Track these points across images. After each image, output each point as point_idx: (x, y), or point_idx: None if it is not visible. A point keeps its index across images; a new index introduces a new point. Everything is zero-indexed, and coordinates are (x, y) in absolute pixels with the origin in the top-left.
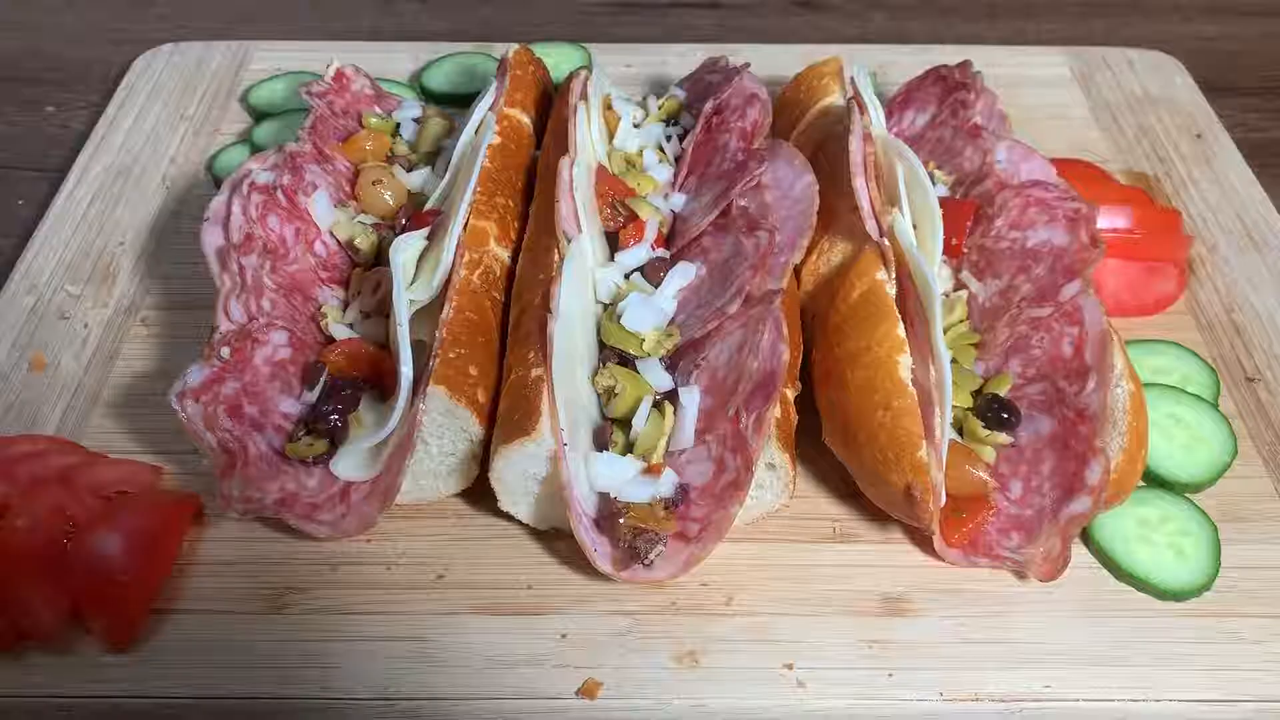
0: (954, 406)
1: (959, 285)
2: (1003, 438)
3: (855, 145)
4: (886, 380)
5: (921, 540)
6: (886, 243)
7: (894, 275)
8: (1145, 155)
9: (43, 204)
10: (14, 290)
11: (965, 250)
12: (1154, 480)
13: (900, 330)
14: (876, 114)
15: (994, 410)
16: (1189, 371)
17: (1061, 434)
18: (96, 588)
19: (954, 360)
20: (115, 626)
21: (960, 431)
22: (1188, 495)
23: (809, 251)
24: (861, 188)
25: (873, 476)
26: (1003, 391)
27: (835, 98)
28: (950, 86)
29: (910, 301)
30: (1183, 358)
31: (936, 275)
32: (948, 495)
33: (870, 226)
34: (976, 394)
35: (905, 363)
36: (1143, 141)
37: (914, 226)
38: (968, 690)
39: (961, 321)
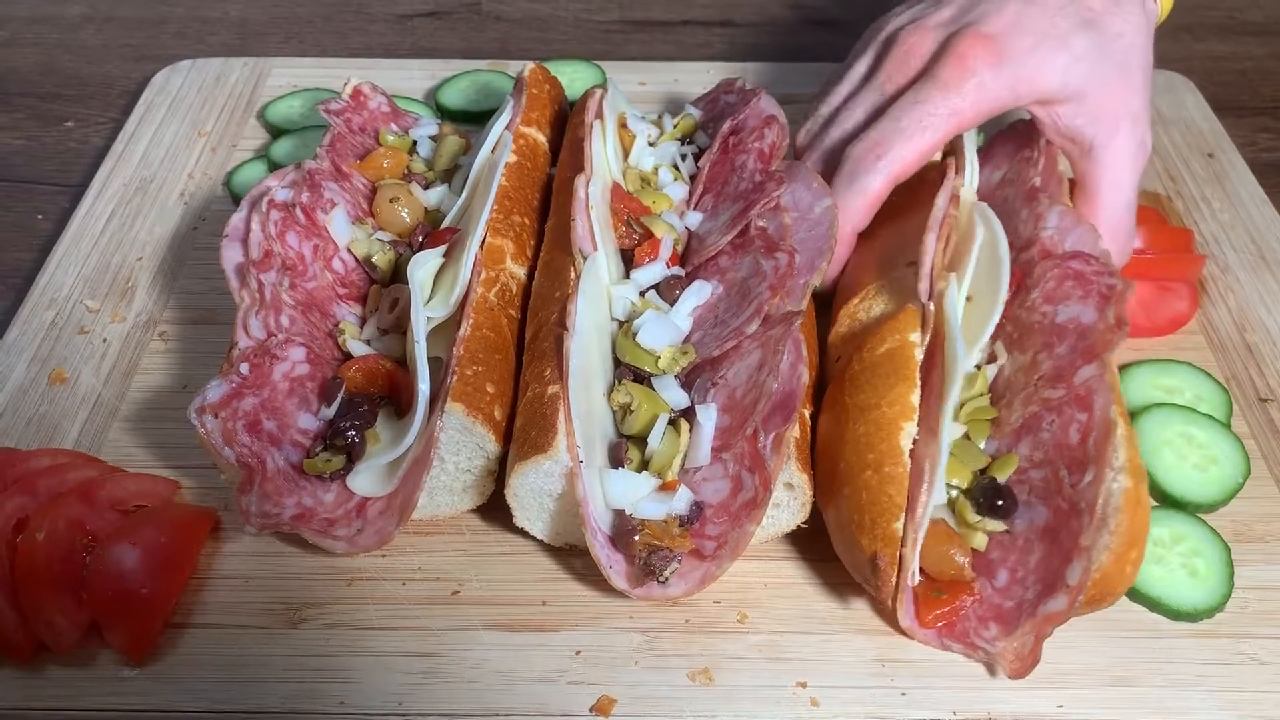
0: (953, 485)
1: (992, 357)
2: (992, 524)
3: (941, 203)
4: (884, 443)
5: None
6: (931, 307)
7: (926, 341)
8: (1157, 174)
9: (62, 219)
10: (34, 304)
11: (1003, 321)
12: (1167, 500)
13: (914, 398)
14: (972, 173)
15: (988, 495)
16: (1201, 391)
17: (1054, 526)
18: (114, 601)
19: (966, 435)
20: (133, 640)
21: (953, 510)
22: (1200, 515)
23: (853, 294)
24: (929, 247)
25: (845, 534)
26: (1003, 476)
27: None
28: (1020, 143)
29: (935, 373)
30: (1195, 377)
31: (978, 350)
32: (927, 575)
33: (922, 288)
34: (981, 473)
35: (909, 431)
36: (1155, 161)
37: (969, 298)
38: (980, 710)
39: (982, 395)
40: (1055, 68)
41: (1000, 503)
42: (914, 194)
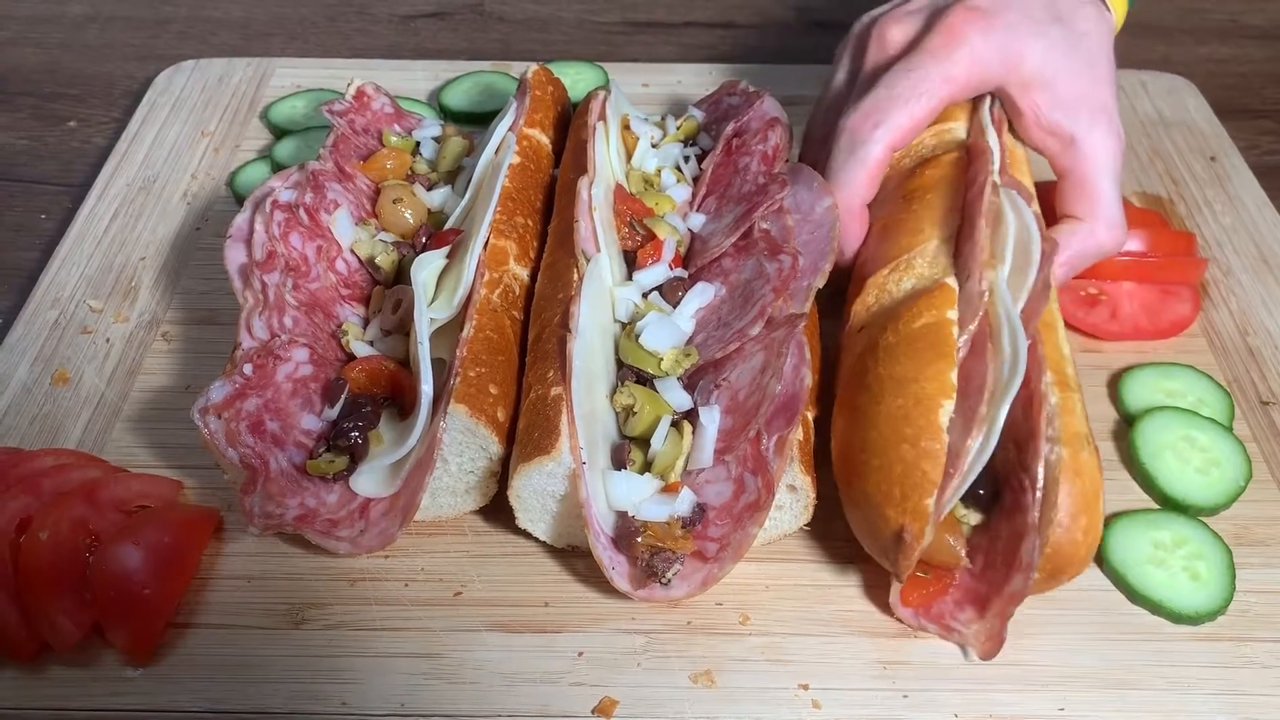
0: None
1: None
2: (975, 516)
3: (987, 190)
4: (923, 418)
5: None
6: (986, 296)
7: (975, 326)
8: (1159, 178)
9: (65, 219)
10: (37, 304)
11: None
12: (1169, 503)
13: (953, 376)
14: (996, 157)
15: (974, 486)
16: (1204, 395)
17: (1011, 506)
18: (117, 601)
19: None
20: (136, 640)
21: None
22: (1202, 519)
23: (881, 265)
24: (980, 239)
25: (869, 506)
26: None
27: (958, 126)
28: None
29: (977, 363)
30: (1197, 381)
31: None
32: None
33: (974, 283)
34: None
35: (948, 409)
36: (1156, 164)
37: None
38: (982, 712)
39: None
40: (1035, 49)
41: (982, 492)
42: (929, 165)
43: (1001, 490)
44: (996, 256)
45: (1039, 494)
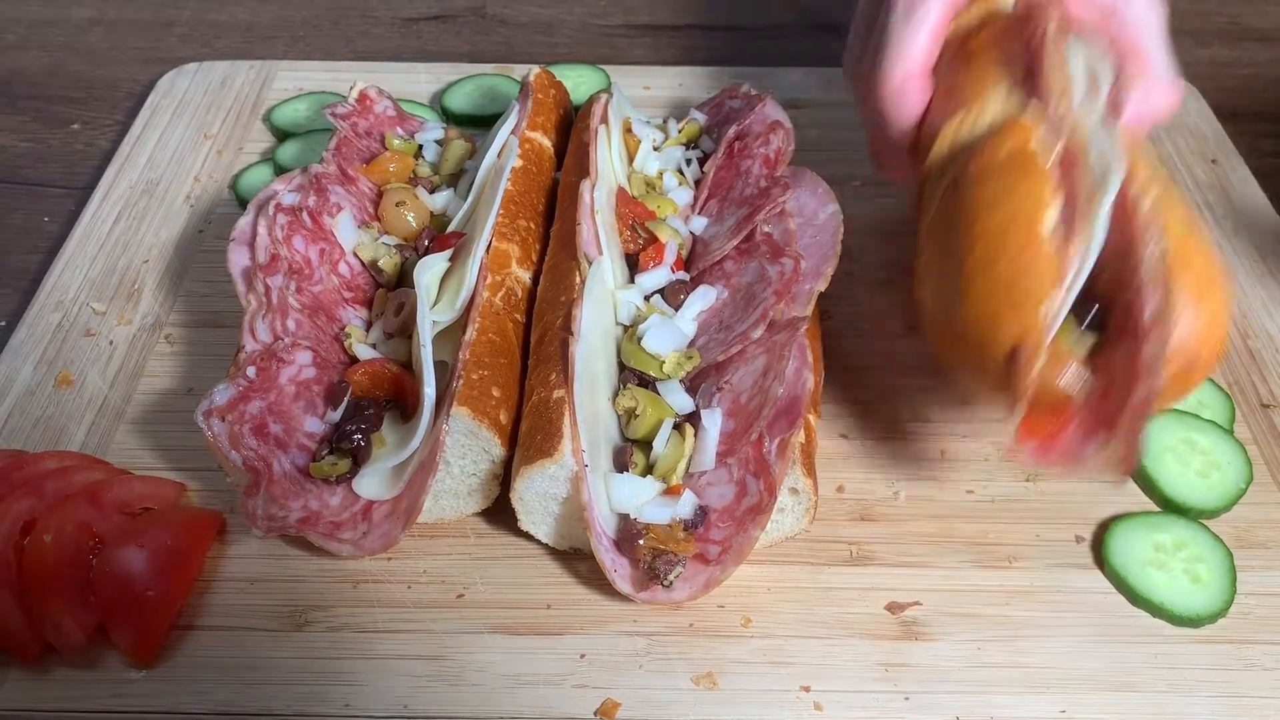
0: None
1: None
2: (1089, 339)
3: (1052, 29)
4: (1022, 232)
5: (939, 563)
6: (1064, 115)
7: (1060, 148)
8: None
9: (69, 221)
10: (41, 307)
11: None
12: (1169, 506)
13: (1048, 191)
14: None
15: (1083, 309)
16: (1204, 398)
17: (1122, 323)
18: (121, 603)
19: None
20: (139, 642)
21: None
22: (1203, 521)
23: (952, 116)
24: (1056, 73)
25: (973, 338)
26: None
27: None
28: None
29: (1068, 181)
30: None
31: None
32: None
33: (1054, 108)
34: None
35: (1050, 218)
36: (1158, 167)
37: None
38: (983, 714)
39: None
40: None
41: (1092, 316)
42: (985, 27)
43: (1111, 313)
44: (1071, 84)
45: (1149, 289)
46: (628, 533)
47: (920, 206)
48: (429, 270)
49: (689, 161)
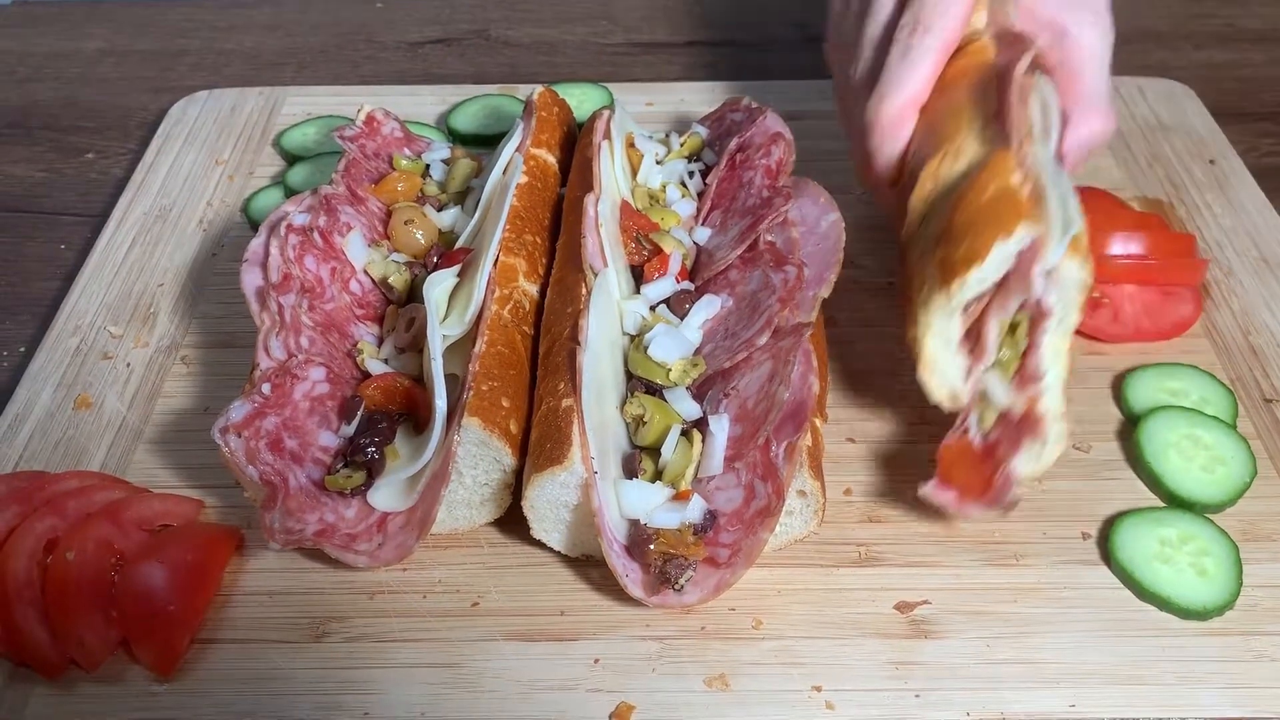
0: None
1: None
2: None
3: (1020, 70)
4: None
5: (947, 562)
6: (1028, 156)
7: (1028, 188)
8: (1159, 181)
9: (84, 248)
10: (59, 332)
11: None
12: (1174, 501)
13: (1036, 230)
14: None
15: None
16: (1207, 394)
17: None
18: (143, 618)
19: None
20: (161, 656)
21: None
22: (1208, 515)
23: (933, 154)
24: (1020, 115)
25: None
26: None
27: (978, 15)
28: None
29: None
30: (1200, 380)
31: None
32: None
33: (1024, 153)
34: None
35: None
36: (1156, 168)
37: None
38: (994, 710)
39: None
40: None
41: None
42: (958, 55)
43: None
44: (1032, 126)
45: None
46: (638, 538)
47: (905, 244)
48: (438, 286)
49: (691, 174)
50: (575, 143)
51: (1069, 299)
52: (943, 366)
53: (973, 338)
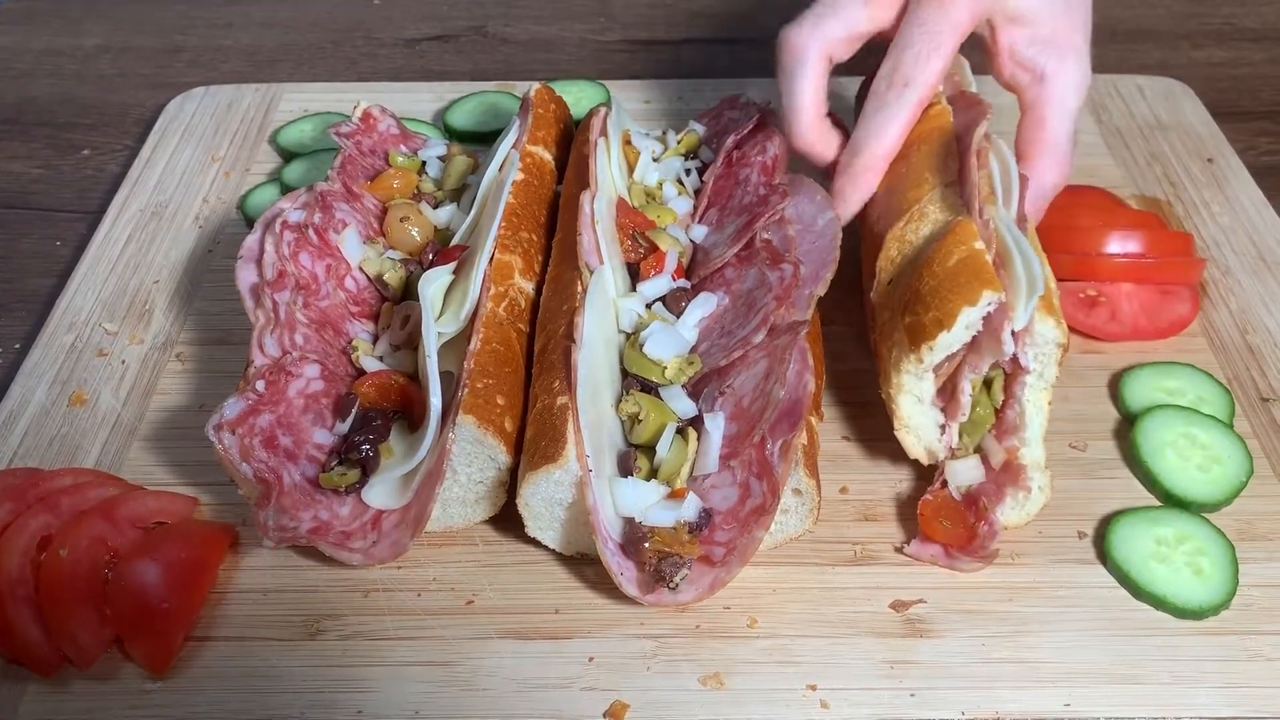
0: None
1: None
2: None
3: (979, 136)
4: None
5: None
6: (989, 222)
7: (993, 254)
8: (1157, 180)
9: (80, 244)
10: (54, 328)
11: None
12: (1170, 500)
13: (1001, 295)
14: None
15: None
16: (1204, 393)
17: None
18: (137, 615)
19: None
20: (155, 653)
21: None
22: (1204, 515)
23: (897, 218)
24: (975, 181)
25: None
26: None
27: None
28: None
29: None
30: (1197, 379)
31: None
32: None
33: (979, 221)
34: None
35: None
36: (1154, 167)
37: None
38: (989, 710)
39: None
40: None
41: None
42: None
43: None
44: (991, 192)
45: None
46: (633, 536)
47: (874, 304)
48: (433, 283)
49: (688, 171)
50: (572, 140)
51: (1047, 355)
52: (917, 424)
53: (946, 393)
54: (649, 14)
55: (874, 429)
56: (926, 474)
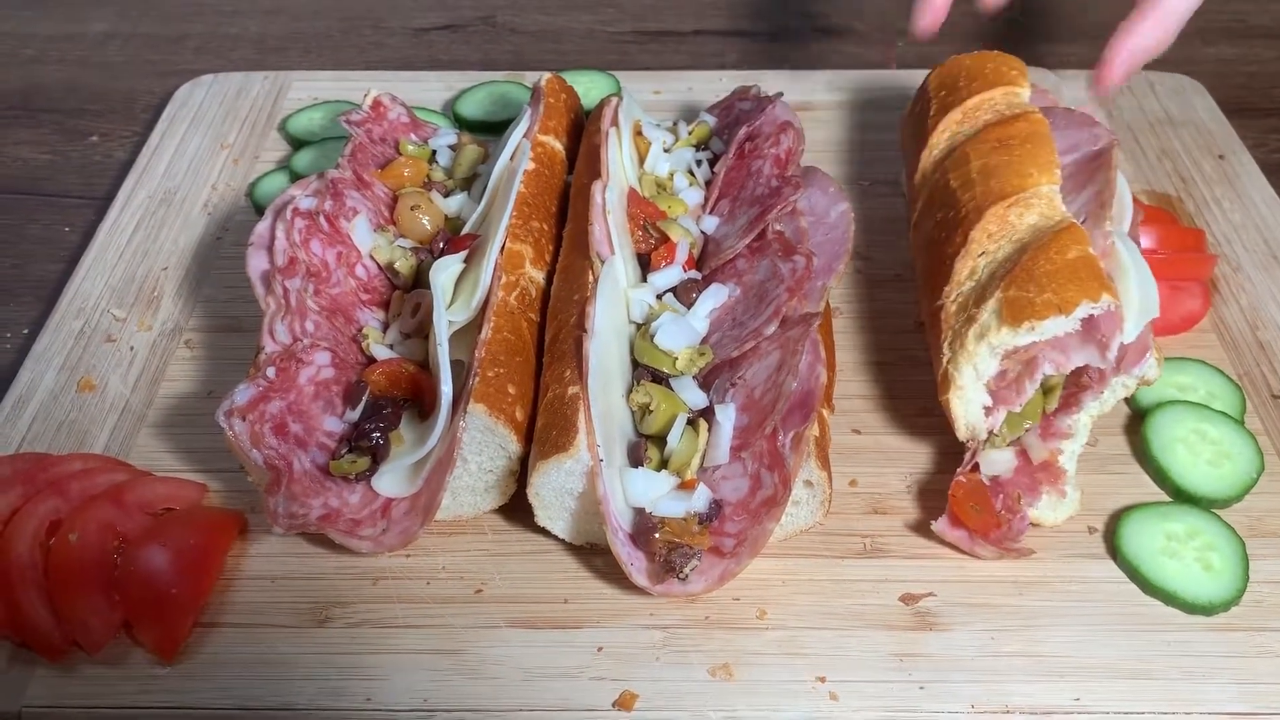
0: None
1: None
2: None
3: (1114, 160)
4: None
5: (952, 555)
6: (1109, 236)
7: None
8: (1168, 176)
9: (89, 231)
10: (63, 314)
11: None
12: (1181, 496)
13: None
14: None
15: None
16: (1214, 389)
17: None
18: (145, 601)
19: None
20: (163, 639)
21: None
22: (1215, 510)
23: (998, 198)
24: (1114, 189)
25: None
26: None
27: (1024, 91)
28: None
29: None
30: (1208, 375)
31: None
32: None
33: (1102, 231)
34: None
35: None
36: (1165, 163)
37: None
38: (998, 703)
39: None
40: None
41: None
42: (1018, 119)
43: None
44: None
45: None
46: (643, 526)
47: (940, 279)
48: (444, 271)
49: (699, 162)
50: (582, 130)
51: (1130, 382)
52: (969, 398)
53: (1000, 379)
54: (658, 5)
55: (885, 422)
56: (936, 467)
